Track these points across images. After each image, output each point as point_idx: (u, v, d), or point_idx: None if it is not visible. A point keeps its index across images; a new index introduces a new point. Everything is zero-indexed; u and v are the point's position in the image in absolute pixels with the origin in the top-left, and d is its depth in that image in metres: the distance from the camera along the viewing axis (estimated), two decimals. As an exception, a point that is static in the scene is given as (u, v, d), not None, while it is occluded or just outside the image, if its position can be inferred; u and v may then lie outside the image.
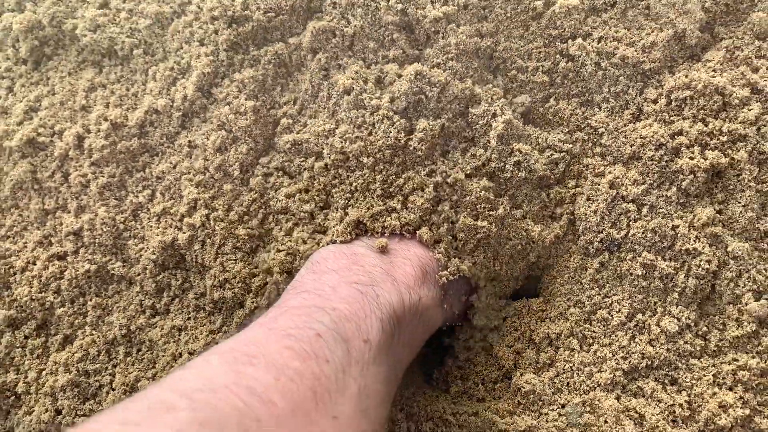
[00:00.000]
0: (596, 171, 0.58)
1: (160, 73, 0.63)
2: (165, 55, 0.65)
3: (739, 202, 0.52)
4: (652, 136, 0.54)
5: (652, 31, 0.56)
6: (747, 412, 0.50)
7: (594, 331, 0.55)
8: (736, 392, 0.51)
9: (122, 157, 0.63)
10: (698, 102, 0.54)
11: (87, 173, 0.64)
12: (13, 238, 0.66)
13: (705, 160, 0.52)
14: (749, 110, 0.52)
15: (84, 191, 0.64)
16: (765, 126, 0.52)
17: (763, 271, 0.52)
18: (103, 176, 0.63)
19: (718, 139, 0.53)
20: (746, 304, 0.51)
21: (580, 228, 0.57)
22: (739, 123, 0.52)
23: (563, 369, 0.55)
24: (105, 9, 0.66)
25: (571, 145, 0.59)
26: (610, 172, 0.57)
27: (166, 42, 0.64)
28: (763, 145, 0.52)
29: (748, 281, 0.52)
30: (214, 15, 0.62)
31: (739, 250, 0.52)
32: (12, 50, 0.70)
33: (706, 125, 0.53)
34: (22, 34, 0.67)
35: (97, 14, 0.65)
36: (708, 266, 0.52)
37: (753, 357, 0.51)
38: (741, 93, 0.53)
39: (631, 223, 0.55)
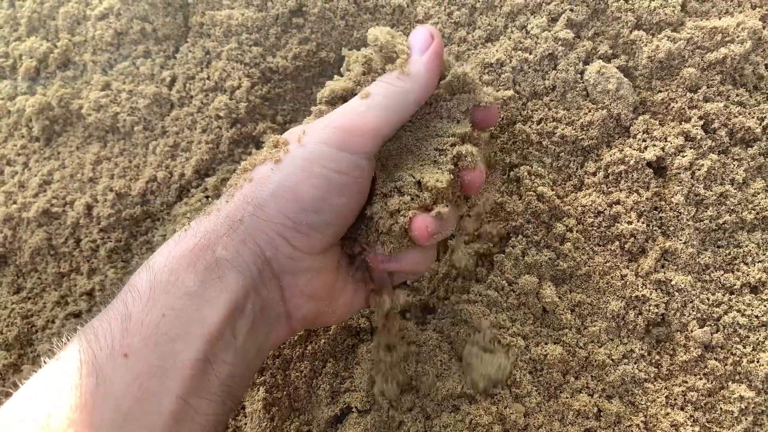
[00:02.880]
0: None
1: (159, 148, 0.70)
2: (163, 131, 0.71)
3: (681, 240, 0.58)
4: (591, 204, 0.60)
5: (589, 111, 0.62)
6: (697, 429, 0.54)
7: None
8: (686, 411, 0.55)
9: (127, 223, 0.70)
10: (632, 175, 0.60)
11: (96, 239, 0.70)
12: (34, 299, 0.72)
13: (642, 224, 0.58)
14: (683, 157, 0.58)
15: (94, 255, 0.70)
16: (699, 170, 0.58)
17: (706, 301, 0.57)
18: (111, 241, 0.70)
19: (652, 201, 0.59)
20: (692, 331, 0.57)
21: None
22: (675, 169, 0.58)
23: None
24: (107, 90, 0.72)
25: None
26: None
27: (166, 121, 0.71)
28: (697, 187, 0.58)
29: (693, 310, 0.57)
30: (219, 114, 0.69)
31: (683, 283, 0.57)
32: (26, 129, 0.76)
33: (640, 196, 0.59)
34: (35, 115, 0.74)
35: (100, 95, 0.71)
36: (657, 310, 0.57)
37: (700, 379, 0.56)
38: (675, 141, 0.59)
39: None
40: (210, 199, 0.68)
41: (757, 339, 0.55)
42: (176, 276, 0.39)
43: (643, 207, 0.59)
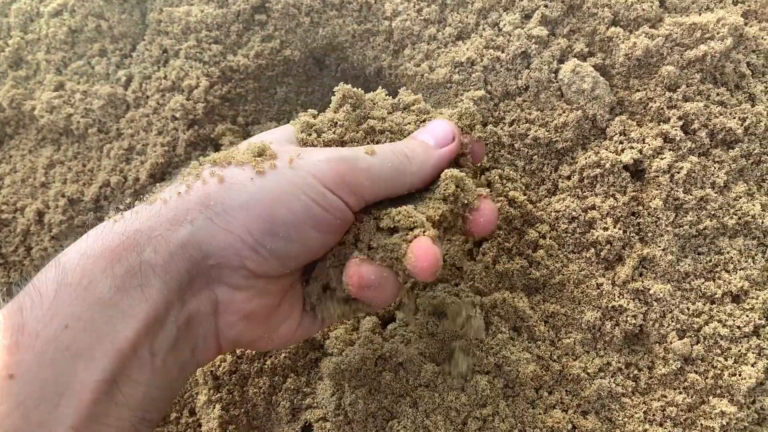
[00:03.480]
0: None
1: (114, 151, 0.67)
2: (118, 134, 0.68)
3: (659, 246, 0.55)
4: (565, 210, 0.57)
5: (564, 112, 0.59)
6: (677, 446, 0.52)
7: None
8: (665, 428, 0.53)
9: (79, 230, 0.66)
10: (608, 179, 0.57)
11: (47, 247, 0.67)
12: (-17, 311, 0.69)
13: (619, 230, 0.56)
14: (662, 159, 0.56)
15: (45, 264, 0.67)
16: (678, 173, 0.55)
17: (686, 311, 0.55)
18: (63, 249, 0.66)
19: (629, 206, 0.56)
20: (671, 342, 0.54)
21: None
22: (653, 172, 0.55)
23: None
24: (61, 91, 0.69)
25: None
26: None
27: (121, 123, 0.68)
28: (676, 191, 0.55)
29: (672, 321, 0.54)
30: (176, 116, 0.65)
31: (661, 292, 0.54)
32: (-25, 132, 0.73)
33: (617, 201, 0.56)
34: (-16, 117, 0.70)
35: (53, 96, 0.68)
36: (634, 320, 0.54)
37: (680, 393, 0.53)
38: (654, 143, 0.56)
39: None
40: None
41: (739, 351, 0.53)
42: (89, 279, 0.34)
43: (619, 212, 0.56)
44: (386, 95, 0.50)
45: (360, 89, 0.47)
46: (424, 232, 0.41)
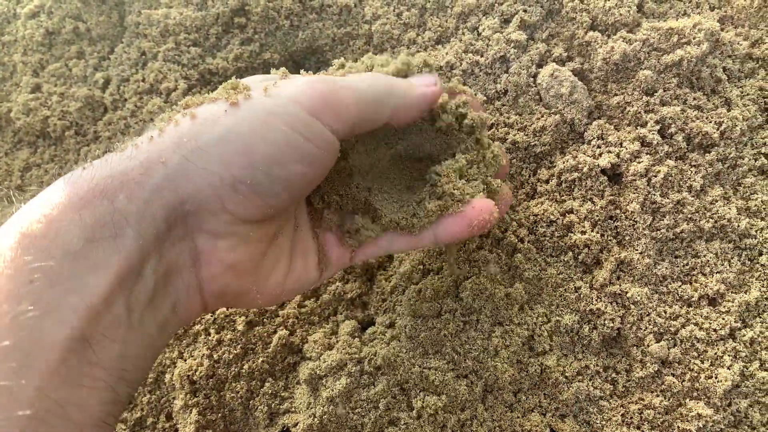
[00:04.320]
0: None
1: (91, 154, 0.66)
2: (96, 136, 0.67)
3: (636, 250, 0.55)
4: (543, 213, 0.57)
5: (542, 116, 0.59)
6: (654, 450, 0.52)
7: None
8: (642, 430, 0.53)
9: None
10: (586, 183, 0.57)
11: (24, 251, 0.66)
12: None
13: (597, 234, 0.56)
14: (639, 163, 0.56)
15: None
16: (655, 177, 0.56)
17: (663, 314, 0.55)
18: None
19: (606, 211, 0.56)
20: (648, 345, 0.54)
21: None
22: (631, 175, 0.56)
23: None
24: (37, 93, 0.68)
25: None
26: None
27: (99, 126, 0.67)
28: (653, 195, 0.55)
29: (649, 324, 0.54)
30: (153, 119, 0.65)
31: (639, 296, 0.54)
32: (-49, 134, 0.72)
33: (595, 204, 0.56)
34: (-41, 119, 0.70)
35: (29, 98, 0.67)
36: (612, 324, 0.55)
37: (657, 396, 0.53)
38: (631, 147, 0.56)
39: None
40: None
41: (715, 353, 0.53)
42: (55, 230, 0.31)
43: (597, 216, 0.56)
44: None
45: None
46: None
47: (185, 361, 0.57)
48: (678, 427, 0.52)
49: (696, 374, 0.53)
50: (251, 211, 0.36)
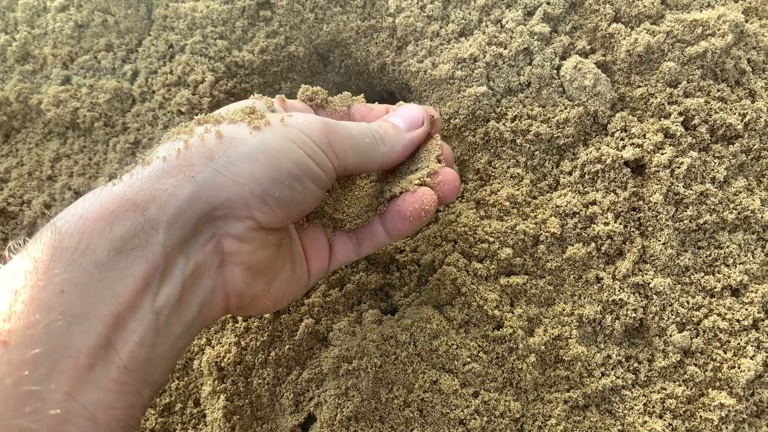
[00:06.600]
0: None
1: (120, 145, 0.67)
2: (124, 128, 0.69)
3: (659, 241, 0.56)
4: (566, 205, 0.58)
5: (565, 108, 0.60)
6: (676, 438, 0.53)
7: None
8: (665, 419, 0.53)
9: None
10: (609, 175, 0.57)
11: (54, 240, 0.67)
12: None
13: (620, 225, 0.56)
14: (663, 154, 0.56)
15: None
16: (678, 168, 0.56)
17: (685, 304, 0.55)
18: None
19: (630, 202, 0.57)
20: (671, 335, 0.55)
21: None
22: (654, 167, 0.56)
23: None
24: (67, 85, 0.70)
25: None
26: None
27: (127, 117, 0.68)
28: (677, 186, 0.56)
29: (672, 314, 0.55)
30: (181, 110, 0.66)
31: (661, 286, 0.55)
32: (-18, 125, 0.73)
33: (618, 196, 0.57)
34: (-9, 111, 0.71)
35: (59, 90, 0.68)
36: (634, 314, 0.55)
37: (679, 385, 0.54)
38: (654, 138, 0.57)
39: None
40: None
41: (738, 344, 0.53)
42: (86, 243, 0.32)
43: (620, 207, 0.56)
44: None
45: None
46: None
47: (213, 348, 0.58)
48: (700, 416, 0.52)
49: (719, 364, 0.53)
50: (274, 219, 0.40)
